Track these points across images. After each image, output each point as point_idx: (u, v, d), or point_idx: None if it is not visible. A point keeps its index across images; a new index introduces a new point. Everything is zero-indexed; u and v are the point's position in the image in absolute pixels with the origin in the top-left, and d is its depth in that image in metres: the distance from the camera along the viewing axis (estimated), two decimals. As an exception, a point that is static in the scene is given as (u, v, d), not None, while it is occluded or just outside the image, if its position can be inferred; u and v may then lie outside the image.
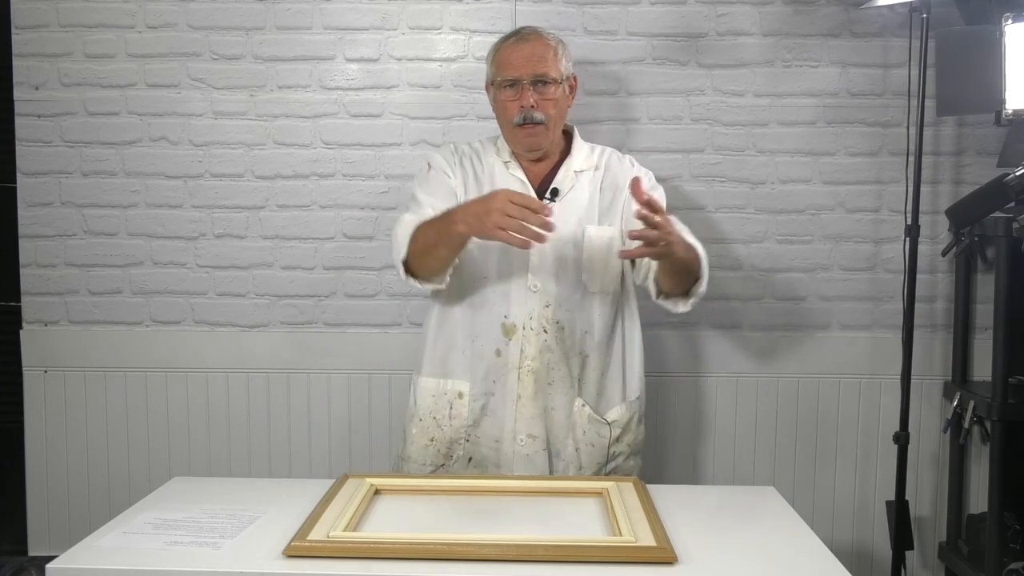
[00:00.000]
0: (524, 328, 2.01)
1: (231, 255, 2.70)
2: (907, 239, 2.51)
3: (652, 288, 2.08)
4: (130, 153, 2.68)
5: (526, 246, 1.78)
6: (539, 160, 2.08)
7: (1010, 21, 2.20)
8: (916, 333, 2.53)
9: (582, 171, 2.08)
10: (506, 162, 2.08)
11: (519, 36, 2.07)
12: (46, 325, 2.72)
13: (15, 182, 2.70)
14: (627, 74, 2.65)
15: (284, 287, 2.71)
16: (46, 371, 2.72)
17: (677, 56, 2.65)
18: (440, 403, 2.05)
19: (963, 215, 2.41)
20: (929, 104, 2.51)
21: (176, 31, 2.65)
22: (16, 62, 2.65)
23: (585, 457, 2.05)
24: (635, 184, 1.76)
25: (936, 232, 2.68)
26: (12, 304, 2.78)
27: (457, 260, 1.97)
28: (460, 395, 2.04)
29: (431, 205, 2.01)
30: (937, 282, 2.70)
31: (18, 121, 2.67)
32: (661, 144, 2.66)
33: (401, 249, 1.97)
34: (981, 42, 2.33)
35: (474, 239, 1.89)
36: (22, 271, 2.71)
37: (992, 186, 2.23)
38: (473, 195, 2.03)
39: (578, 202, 2.05)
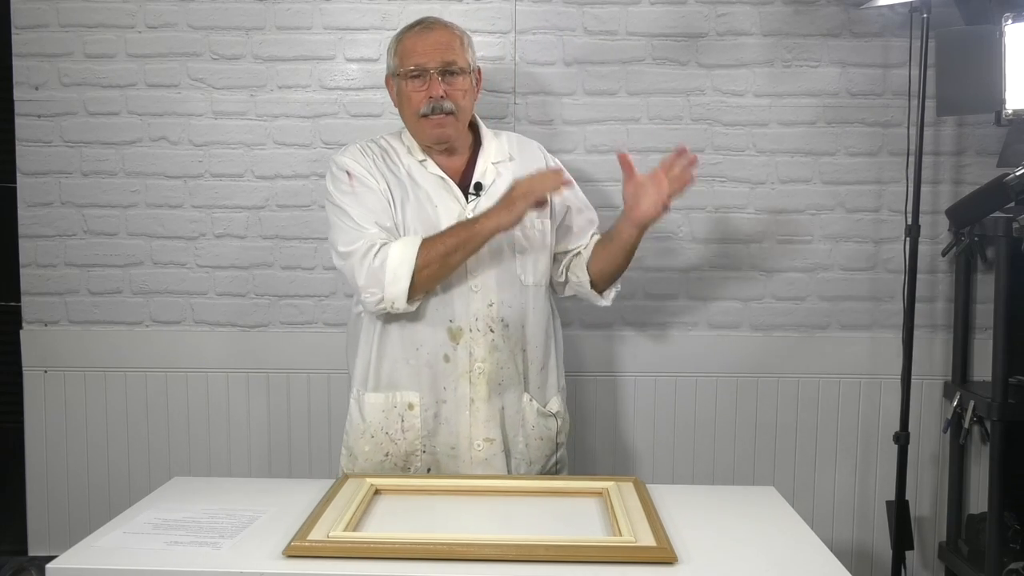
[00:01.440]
0: (471, 330, 1.97)
1: (231, 255, 2.70)
2: (907, 239, 2.51)
3: (583, 280, 2.09)
4: (130, 153, 2.68)
5: (557, 187, 1.90)
6: (449, 154, 2.03)
7: (1010, 21, 2.20)
8: (916, 333, 2.53)
9: (499, 162, 2.05)
10: (421, 160, 2.02)
11: (423, 25, 2.02)
12: (46, 325, 2.72)
13: (15, 182, 2.70)
14: (627, 74, 2.65)
15: (284, 287, 2.71)
16: (46, 371, 2.72)
17: (677, 56, 2.65)
18: (391, 417, 1.99)
19: (963, 215, 2.42)
20: (929, 104, 2.51)
21: (176, 31, 2.65)
22: (16, 62, 2.66)
23: (535, 452, 2.04)
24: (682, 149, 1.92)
25: (936, 232, 2.67)
26: (12, 304, 2.78)
27: None
28: (410, 406, 1.99)
29: (375, 221, 1.92)
30: (937, 282, 2.70)
31: (18, 121, 2.67)
32: (661, 144, 2.66)
33: (405, 284, 1.87)
34: (981, 42, 2.33)
35: None
36: (22, 271, 2.71)
37: (992, 186, 2.23)
38: (396, 196, 1.96)
39: (501, 193, 1.97)
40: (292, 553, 1.39)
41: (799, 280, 2.70)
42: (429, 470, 2.00)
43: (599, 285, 2.10)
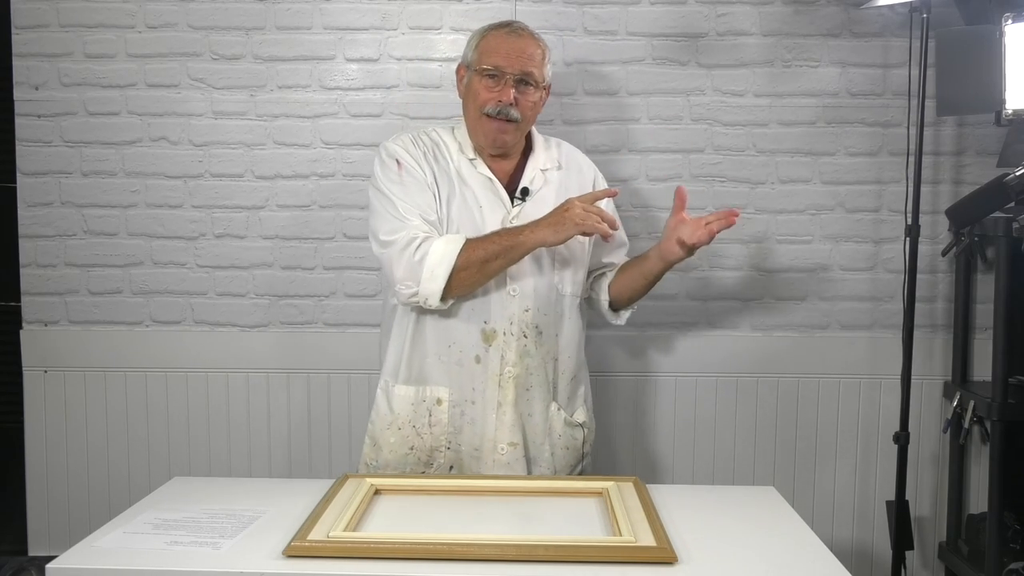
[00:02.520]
0: (504, 334, 1.97)
1: (231, 255, 2.70)
2: (907, 239, 2.51)
3: (603, 299, 2.12)
4: (130, 153, 2.68)
5: (605, 233, 1.87)
6: (501, 156, 2.04)
7: (1010, 21, 2.20)
8: (916, 333, 2.53)
9: (547, 169, 2.06)
10: (472, 159, 2.02)
11: (511, 28, 2.01)
12: (46, 325, 2.72)
13: (15, 182, 2.70)
14: (627, 74, 2.65)
15: (284, 287, 2.71)
16: (46, 371, 2.72)
17: (677, 56, 2.65)
18: (419, 411, 2.01)
19: (963, 215, 2.42)
20: (929, 104, 2.51)
21: (176, 31, 2.65)
22: (16, 62, 2.66)
23: (560, 461, 2.04)
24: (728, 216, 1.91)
25: (936, 232, 2.68)
26: (12, 304, 2.78)
27: None
28: (439, 401, 2.00)
29: (419, 214, 1.92)
30: (937, 282, 2.70)
31: (18, 121, 2.67)
32: (661, 144, 2.66)
33: (442, 276, 1.87)
34: (981, 42, 2.33)
35: None
36: (22, 271, 2.71)
37: (992, 186, 2.23)
38: (443, 191, 1.97)
39: (547, 202, 2.00)
40: (292, 553, 1.39)
41: (799, 280, 2.70)
42: (451, 468, 2.01)
43: (615, 305, 2.13)
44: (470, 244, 1.89)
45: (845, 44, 2.64)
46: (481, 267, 1.89)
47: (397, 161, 1.99)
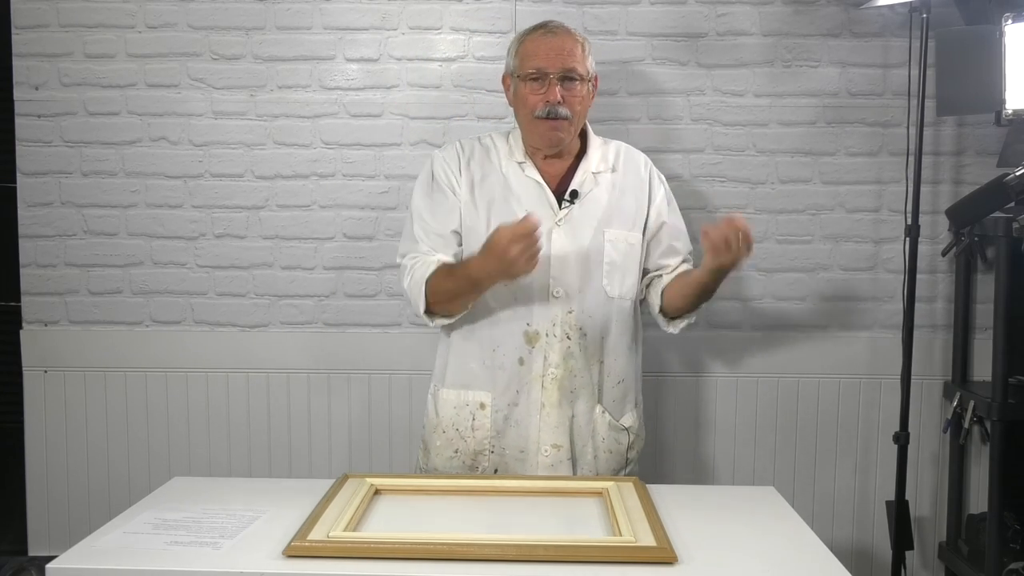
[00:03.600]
0: (547, 335, 1.97)
1: (231, 255, 2.70)
2: (907, 239, 2.51)
3: (655, 302, 2.09)
4: (130, 153, 2.68)
5: (534, 264, 1.81)
6: (555, 157, 2.04)
7: (1010, 21, 2.20)
8: (916, 333, 2.53)
9: (599, 172, 2.05)
10: (520, 163, 2.03)
11: (547, 29, 2.02)
12: (46, 325, 2.72)
13: (15, 182, 2.70)
14: (627, 74, 2.65)
15: (284, 287, 2.71)
16: (46, 371, 2.72)
17: (677, 56, 2.65)
18: (462, 414, 2.02)
19: (963, 215, 2.42)
20: (929, 104, 2.51)
21: (176, 31, 2.65)
22: (16, 62, 2.66)
23: (603, 464, 2.03)
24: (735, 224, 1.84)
25: (936, 232, 2.68)
26: (12, 304, 2.78)
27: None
28: (482, 406, 2.00)
29: (436, 232, 1.99)
30: (937, 282, 2.70)
31: (18, 121, 2.67)
32: (661, 144, 2.66)
33: (419, 303, 1.95)
34: (981, 42, 2.33)
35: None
36: (22, 271, 2.71)
37: (992, 186, 2.23)
38: (483, 198, 2.00)
39: (597, 204, 2.01)
40: (292, 553, 1.39)
41: (799, 280, 2.71)
42: (496, 471, 2.01)
43: (668, 312, 2.09)
44: (436, 277, 1.93)
45: (845, 44, 2.64)
46: (451, 301, 1.94)
47: (432, 174, 2.05)
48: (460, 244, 2.02)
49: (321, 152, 2.67)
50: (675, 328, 2.10)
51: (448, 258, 1.99)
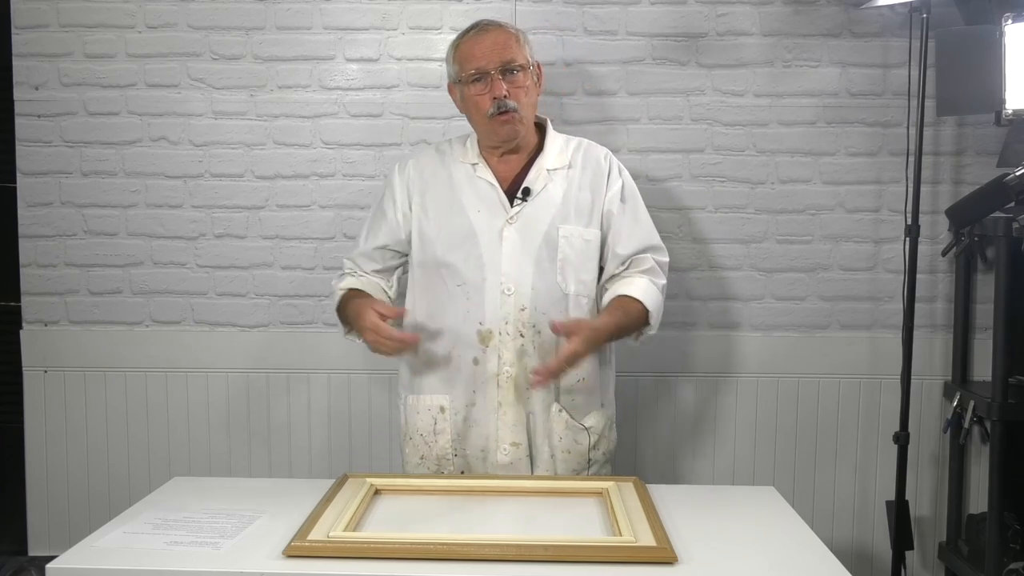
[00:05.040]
0: (500, 334, 1.97)
1: (231, 255, 2.70)
2: (907, 239, 2.51)
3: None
4: (130, 153, 2.68)
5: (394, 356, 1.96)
6: (512, 153, 2.04)
7: (1010, 21, 2.20)
8: (916, 333, 2.53)
9: (555, 169, 2.05)
10: (474, 164, 2.05)
11: (479, 28, 2.04)
12: (46, 325, 2.72)
13: (15, 182, 2.70)
14: (627, 74, 2.65)
15: (284, 287, 2.71)
16: (46, 371, 2.72)
17: (677, 56, 2.65)
18: (425, 420, 2.03)
19: (963, 215, 2.41)
20: (929, 104, 2.51)
21: (176, 31, 2.65)
22: (16, 62, 2.66)
23: (560, 465, 2.01)
24: (555, 326, 1.87)
25: (936, 232, 2.67)
26: (12, 304, 2.78)
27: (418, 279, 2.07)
28: (442, 409, 2.01)
29: (363, 249, 2.11)
30: (937, 282, 2.70)
31: (18, 121, 2.67)
32: (661, 144, 2.66)
33: (340, 325, 2.08)
34: (981, 42, 2.33)
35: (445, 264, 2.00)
36: (22, 271, 2.71)
37: (992, 186, 2.23)
38: (435, 204, 2.04)
39: (551, 200, 2.01)
40: (292, 553, 1.39)
41: (799, 280, 2.70)
42: (462, 472, 2.01)
43: None
44: (342, 304, 2.05)
45: (845, 44, 2.64)
46: (350, 332, 2.05)
47: (384, 192, 2.14)
48: (387, 260, 2.11)
49: (321, 152, 2.67)
50: (635, 342, 2.08)
51: (357, 283, 2.08)
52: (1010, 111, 2.22)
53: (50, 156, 2.68)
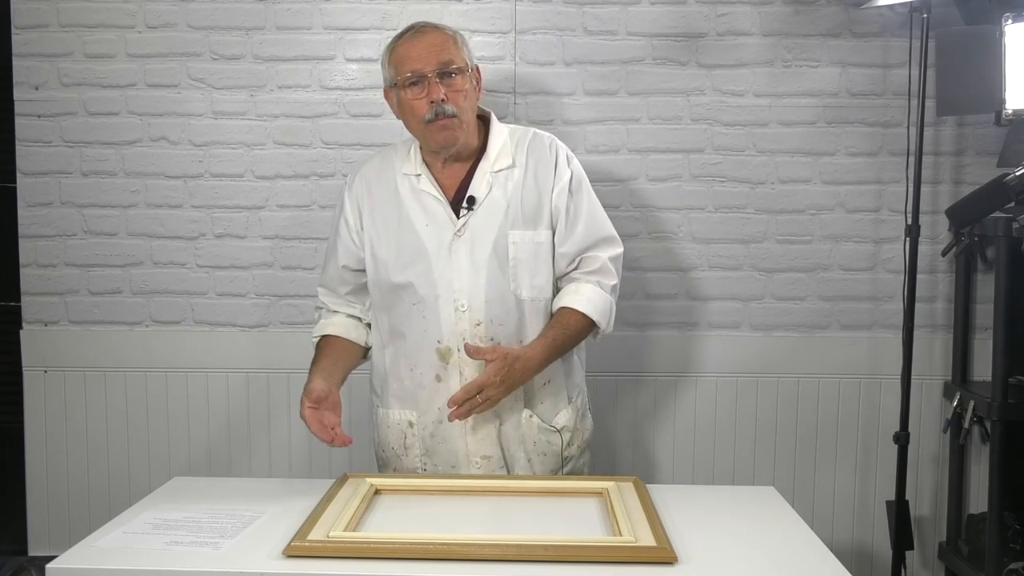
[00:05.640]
0: (459, 351, 1.91)
1: (231, 255, 2.70)
2: (907, 239, 2.51)
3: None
4: (130, 153, 2.68)
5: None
6: (455, 161, 1.97)
7: (1010, 21, 2.20)
8: (916, 333, 2.53)
9: (499, 171, 1.96)
10: (417, 175, 1.97)
11: (414, 31, 1.94)
12: (46, 325, 2.72)
13: (15, 182, 2.70)
14: (627, 74, 2.65)
15: (284, 287, 2.71)
16: (46, 371, 2.72)
17: (677, 56, 2.65)
18: (395, 433, 2.01)
19: (963, 215, 2.41)
20: (929, 104, 2.51)
21: (176, 31, 2.65)
22: (16, 62, 2.65)
23: (538, 467, 1.99)
24: (468, 349, 1.85)
25: (936, 232, 2.67)
26: (12, 304, 2.78)
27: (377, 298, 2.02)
28: (410, 424, 1.99)
29: (331, 270, 2.06)
30: (937, 282, 2.70)
31: (18, 121, 2.67)
32: (661, 144, 2.66)
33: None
34: (981, 42, 2.33)
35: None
36: (22, 271, 2.71)
37: (992, 186, 2.23)
38: (383, 223, 1.98)
39: (497, 206, 1.94)
40: (292, 553, 1.39)
41: (799, 280, 2.70)
42: None
43: None
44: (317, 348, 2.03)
45: (845, 44, 2.64)
46: None
47: (340, 215, 2.06)
48: (355, 279, 2.04)
49: (321, 152, 2.67)
50: (594, 339, 2.03)
51: (331, 328, 2.05)
52: (1010, 111, 2.22)
53: (50, 156, 2.68)
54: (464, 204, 1.94)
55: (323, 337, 2.05)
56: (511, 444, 1.98)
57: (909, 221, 2.51)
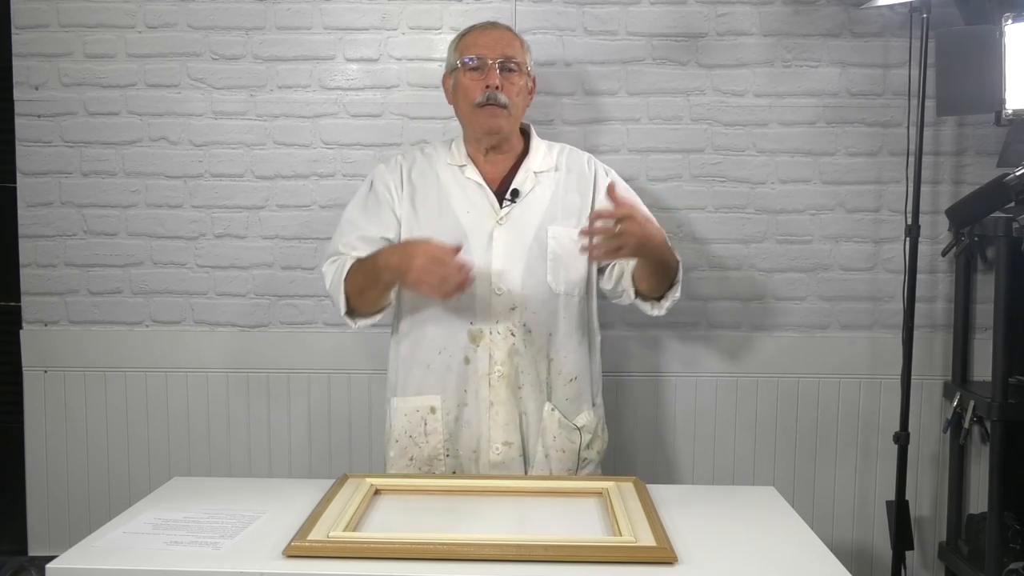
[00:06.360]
0: (491, 333, 1.97)
1: (231, 255, 2.70)
2: (907, 239, 2.51)
3: (629, 289, 2.07)
4: (130, 153, 2.68)
5: (446, 298, 1.82)
6: (497, 153, 2.04)
7: (1010, 21, 2.20)
8: (916, 333, 2.53)
9: (541, 172, 2.06)
10: (461, 166, 2.04)
11: (487, 23, 2.08)
12: (46, 325, 2.72)
13: (15, 182, 2.70)
14: (627, 74, 2.65)
15: (284, 287, 2.71)
16: (46, 371, 2.72)
17: (677, 56, 2.65)
18: (414, 420, 2.02)
19: (963, 215, 2.41)
20: (929, 104, 2.51)
21: (176, 31, 2.65)
22: (16, 62, 2.66)
23: (555, 464, 2.02)
24: (611, 189, 1.83)
25: (936, 232, 2.68)
26: (12, 304, 2.78)
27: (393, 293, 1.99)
28: (432, 410, 2.01)
29: (362, 236, 1.99)
30: (937, 282, 2.70)
31: (18, 121, 2.67)
32: (661, 144, 2.66)
33: (340, 301, 1.96)
34: (981, 42, 2.33)
35: None
36: (22, 271, 2.71)
37: (992, 186, 2.23)
38: (424, 206, 2.02)
39: (539, 202, 2.02)
40: (292, 553, 1.39)
41: (799, 280, 2.70)
42: (454, 472, 2.01)
43: (645, 295, 2.07)
44: (351, 273, 1.95)
45: (845, 44, 2.64)
46: (362, 296, 1.95)
47: (371, 183, 2.08)
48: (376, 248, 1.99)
49: (321, 152, 2.67)
50: (660, 310, 2.07)
51: (363, 254, 1.98)
52: (1010, 111, 2.22)
53: (50, 156, 2.68)
54: (508, 196, 2.01)
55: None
56: (531, 435, 2.01)
57: (909, 221, 2.51)
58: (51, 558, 1.40)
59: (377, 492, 1.69)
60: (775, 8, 2.63)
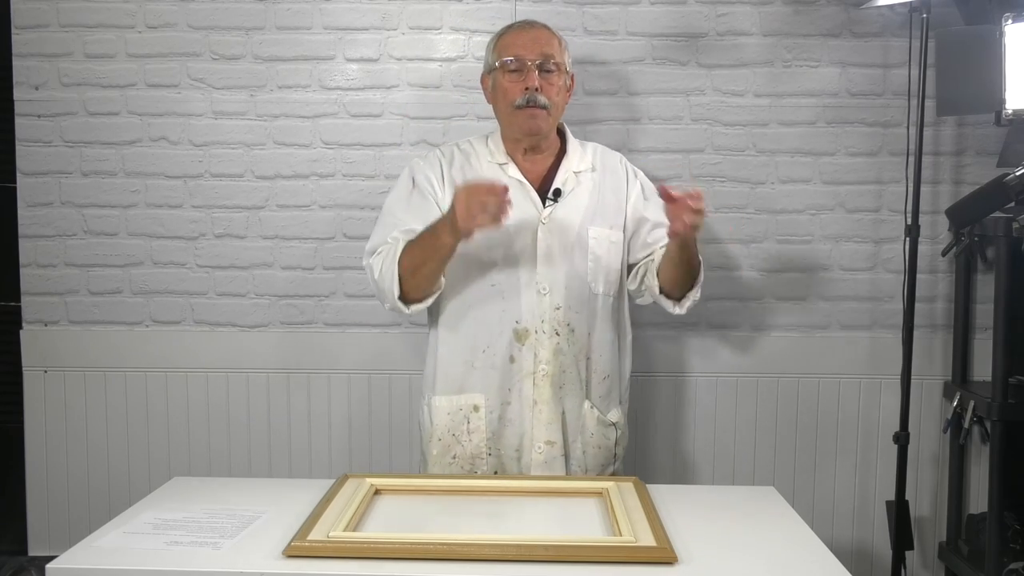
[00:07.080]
0: (536, 332, 1.99)
1: (231, 255, 2.70)
2: (907, 239, 2.51)
3: (653, 285, 2.08)
4: (130, 153, 2.68)
5: (499, 222, 1.78)
6: (535, 152, 2.05)
7: (1010, 21, 2.20)
8: (916, 333, 2.53)
9: (580, 171, 2.07)
10: (502, 164, 2.04)
11: (525, 22, 2.08)
12: (46, 325, 2.72)
13: (15, 182, 2.70)
14: (627, 74, 2.65)
15: (284, 287, 2.71)
16: (46, 371, 2.72)
17: (677, 56, 2.65)
18: (456, 419, 2.02)
19: (963, 215, 2.42)
20: (929, 104, 2.51)
21: (176, 31, 2.65)
22: (16, 62, 2.66)
23: (591, 460, 2.05)
24: (664, 189, 1.82)
25: (936, 232, 2.68)
26: (12, 304, 2.78)
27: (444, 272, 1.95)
28: (476, 408, 2.01)
29: (407, 231, 1.95)
30: (937, 282, 2.70)
31: (18, 121, 2.67)
32: (661, 144, 2.66)
33: (394, 286, 1.91)
34: (981, 42, 2.33)
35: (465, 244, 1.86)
36: (22, 271, 2.71)
37: (992, 186, 2.23)
38: None
39: (579, 202, 2.04)
40: (292, 553, 1.39)
41: (799, 280, 2.70)
42: (496, 472, 2.01)
43: (669, 293, 2.08)
44: (404, 254, 1.91)
45: (845, 44, 2.64)
46: (418, 272, 1.91)
47: (413, 180, 2.05)
48: None
49: (321, 152, 2.67)
50: (681, 309, 2.09)
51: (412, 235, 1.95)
52: (1010, 111, 2.23)
53: (50, 156, 2.68)
54: (551, 195, 2.02)
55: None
56: (571, 433, 2.03)
57: (909, 221, 2.51)
58: (51, 558, 1.40)
59: (377, 492, 1.69)
60: (775, 8, 2.63)
